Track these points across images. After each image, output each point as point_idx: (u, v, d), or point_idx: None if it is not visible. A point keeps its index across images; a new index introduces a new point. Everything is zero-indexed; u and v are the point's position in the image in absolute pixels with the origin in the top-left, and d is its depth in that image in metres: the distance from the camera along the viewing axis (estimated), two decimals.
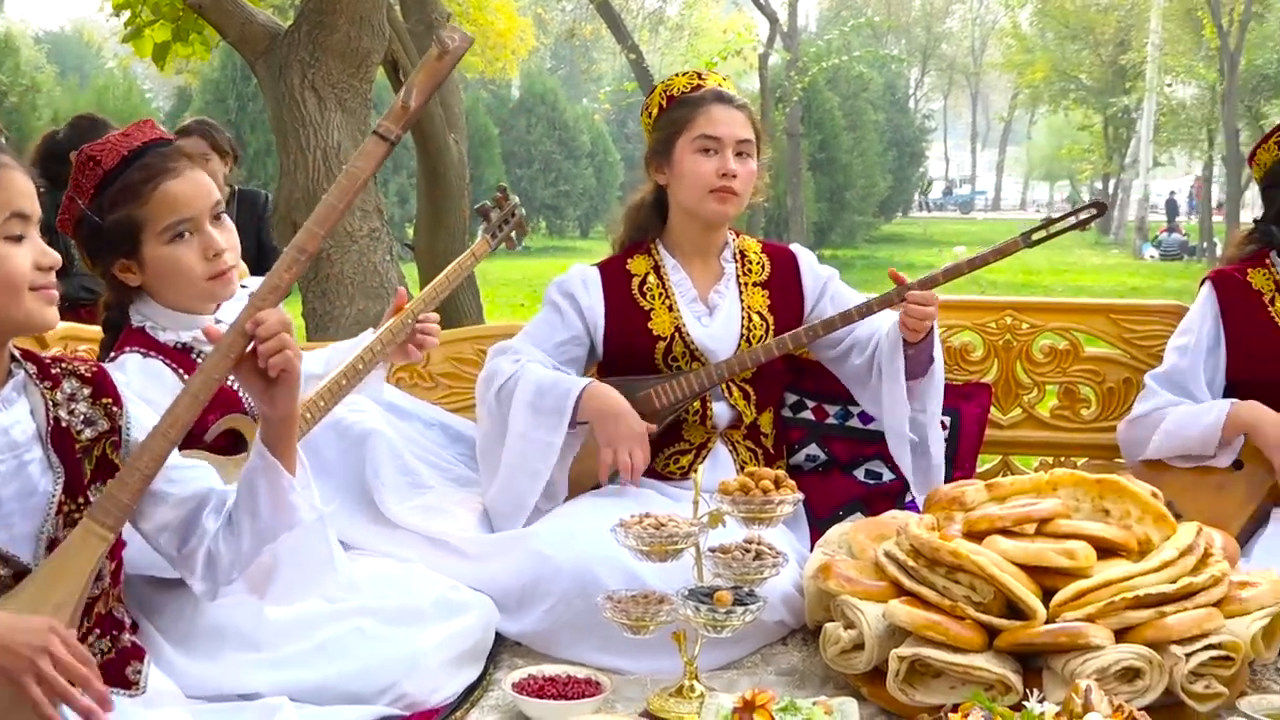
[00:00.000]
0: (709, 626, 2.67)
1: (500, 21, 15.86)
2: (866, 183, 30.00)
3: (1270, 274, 3.63)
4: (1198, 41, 32.13)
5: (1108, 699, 2.32)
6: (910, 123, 41.02)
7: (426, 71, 2.33)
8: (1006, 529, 2.83)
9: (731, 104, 3.46)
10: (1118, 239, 36.02)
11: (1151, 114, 31.90)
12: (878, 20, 35.54)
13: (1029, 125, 57.00)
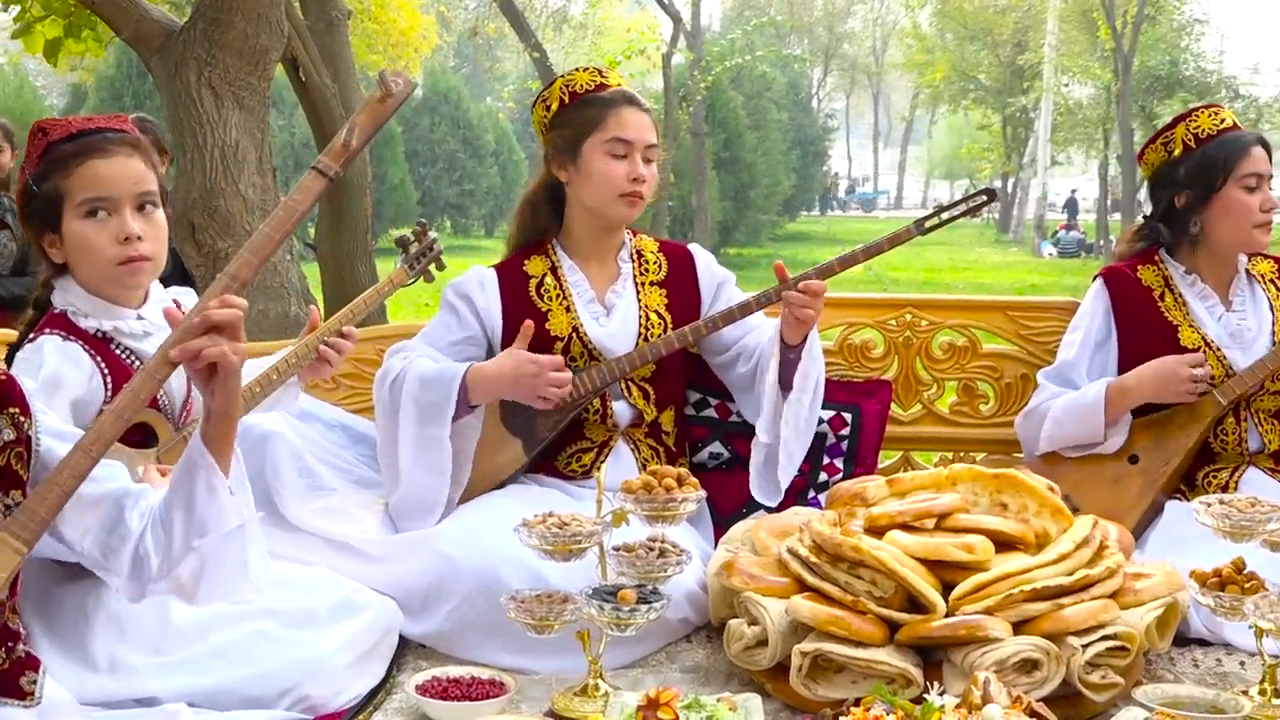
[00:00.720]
0: (613, 625, 2.67)
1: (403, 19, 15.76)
2: (770, 182, 30.13)
3: (1160, 270, 3.71)
4: (1093, 43, 32.73)
5: (1006, 690, 2.35)
6: (813, 122, 41.29)
7: (369, 113, 2.35)
8: (907, 524, 2.87)
9: (640, 107, 3.46)
10: (1017, 237, 36.54)
11: (1049, 114, 32.44)
12: (780, 20, 35.71)
13: (930, 125, 57.66)
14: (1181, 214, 3.66)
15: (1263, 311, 3.66)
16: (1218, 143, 3.61)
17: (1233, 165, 3.57)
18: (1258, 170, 3.58)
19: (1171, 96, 31.42)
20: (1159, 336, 3.62)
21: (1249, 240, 3.61)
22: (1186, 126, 3.66)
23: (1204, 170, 3.59)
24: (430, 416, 3.27)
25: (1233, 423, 3.58)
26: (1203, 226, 3.63)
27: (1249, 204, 3.56)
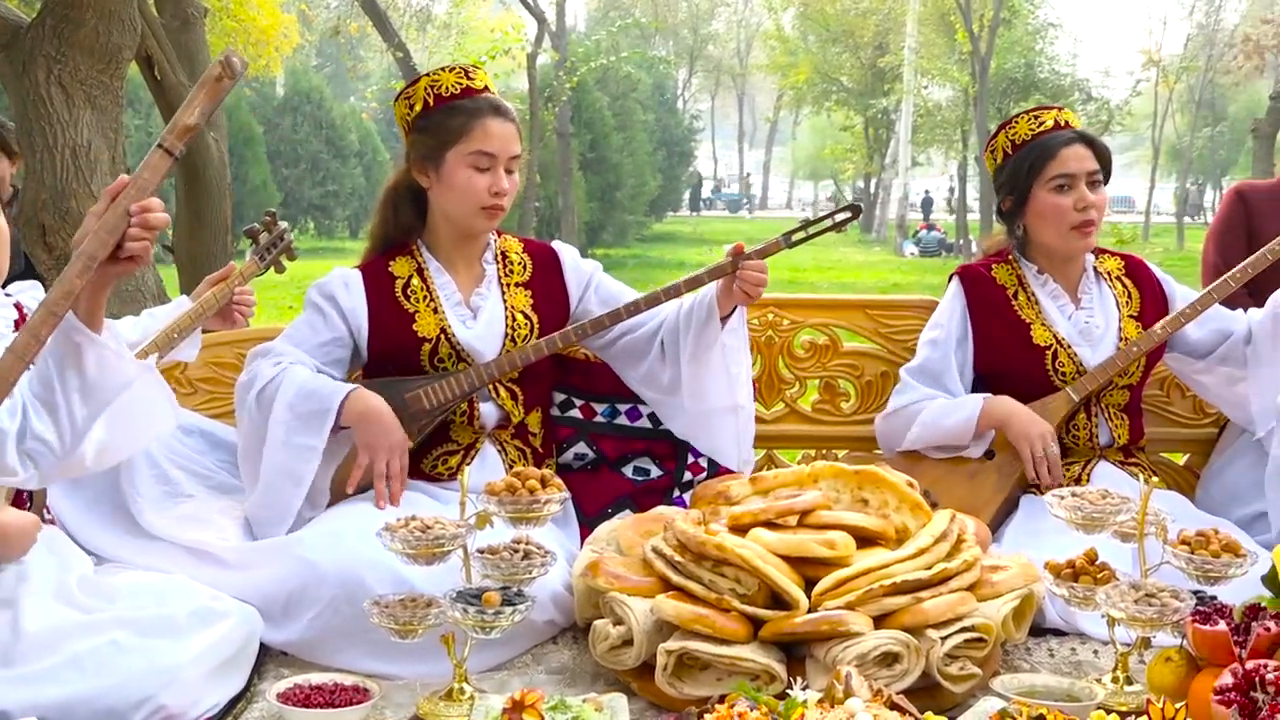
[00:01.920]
0: (478, 628, 2.65)
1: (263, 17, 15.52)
2: (637, 182, 30.24)
3: (1013, 269, 3.79)
4: (951, 46, 33.37)
5: (867, 684, 2.38)
6: (679, 123, 41.51)
7: (208, 91, 2.35)
8: (770, 522, 2.89)
9: (506, 117, 3.43)
10: (880, 237, 37.10)
11: (909, 115, 32.98)
12: (645, 22, 35.84)
13: (794, 126, 58.30)
14: (1008, 218, 3.77)
15: (1110, 309, 3.75)
16: (1028, 148, 3.69)
17: (1039, 169, 3.65)
18: (1067, 171, 3.64)
19: (1027, 99, 32.13)
20: (1013, 334, 3.70)
21: (1066, 243, 3.69)
22: (1006, 133, 3.76)
23: (1015, 175, 3.70)
24: (306, 426, 3.23)
25: (1084, 418, 3.67)
26: (1025, 229, 3.73)
27: (1059, 205, 3.64)
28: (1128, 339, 3.67)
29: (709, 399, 3.50)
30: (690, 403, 3.51)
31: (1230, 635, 2.45)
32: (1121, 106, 35.61)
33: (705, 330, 3.44)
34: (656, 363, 3.55)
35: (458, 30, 28.09)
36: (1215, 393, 3.85)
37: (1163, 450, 4.10)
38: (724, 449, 3.57)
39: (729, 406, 3.51)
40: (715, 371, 3.47)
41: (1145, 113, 41.36)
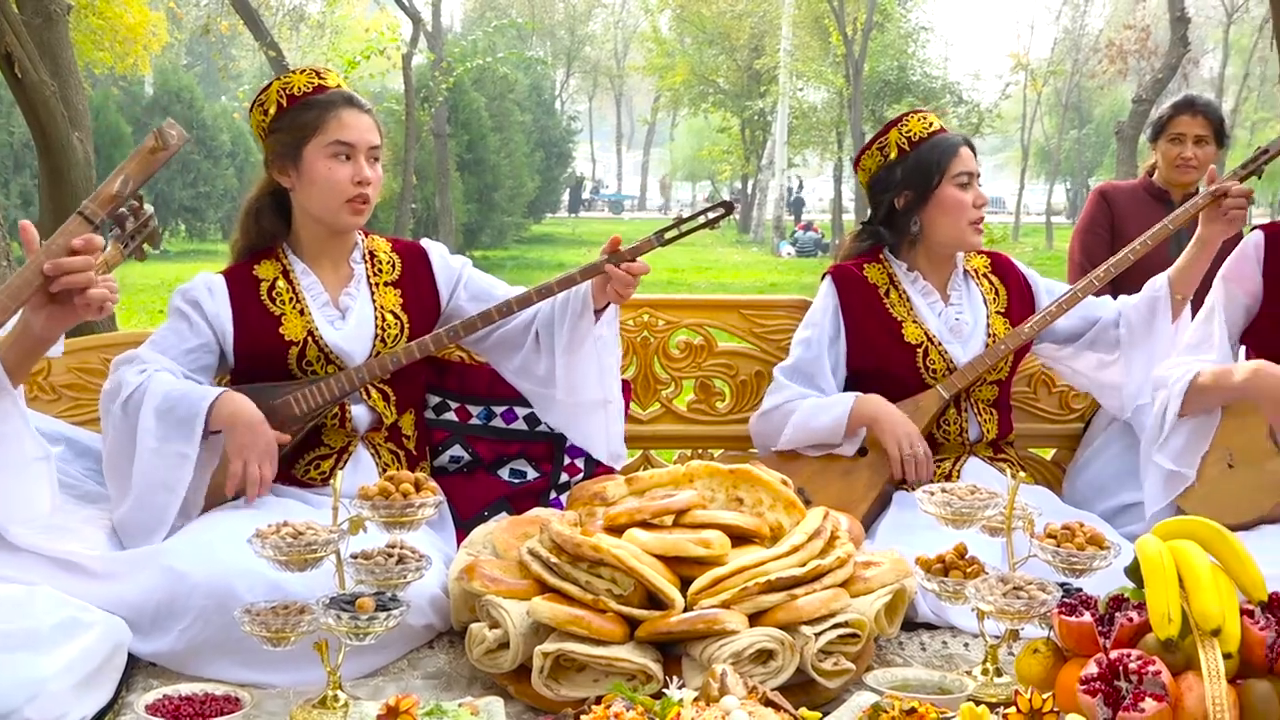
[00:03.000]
0: (351, 634, 2.62)
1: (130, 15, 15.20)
2: (515, 183, 30.15)
3: (884, 268, 3.85)
4: (825, 48, 33.74)
5: (743, 681, 2.39)
6: (557, 124, 41.47)
7: (140, 162, 2.31)
8: (646, 522, 2.89)
9: (361, 108, 3.40)
10: (757, 237, 37.40)
11: (785, 117, 33.30)
12: (521, 22, 35.71)
13: (671, 127, 58.52)
14: (903, 214, 3.80)
15: (978, 306, 3.83)
16: (929, 144, 3.76)
17: (945, 164, 3.72)
18: (968, 169, 3.75)
19: (900, 101, 32.62)
20: (884, 332, 3.75)
21: (964, 238, 3.77)
22: (899, 131, 3.80)
23: (919, 170, 3.74)
24: (175, 432, 3.16)
25: (954, 414, 3.74)
26: (923, 225, 3.78)
27: (963, 200, 3.72)
28: (995, 335, 3.75)
29: (581, 392, 3.50)
30: (563, 395, 3.51)
31: (1095, 626, 2.50)
32: (991, 109, 36.26)
33: (579, 324, 3.44)
34: (531, 354, 3.54)
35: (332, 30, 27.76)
36: (1085, 377, 3.95)
37: (1030, 446, 4.19)
38: (594, 442, 3.58)
39: (599, 400, 3.52)
40: (588, 365, 3.48)
41: (1014, 115, 42.20)
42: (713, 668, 2.43)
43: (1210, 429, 3.50)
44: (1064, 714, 2.27)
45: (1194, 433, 3.52)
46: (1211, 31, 39.33)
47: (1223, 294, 3.60)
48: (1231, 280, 3.60)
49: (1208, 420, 3.51)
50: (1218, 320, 3.59)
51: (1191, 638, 2.37)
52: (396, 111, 21.39)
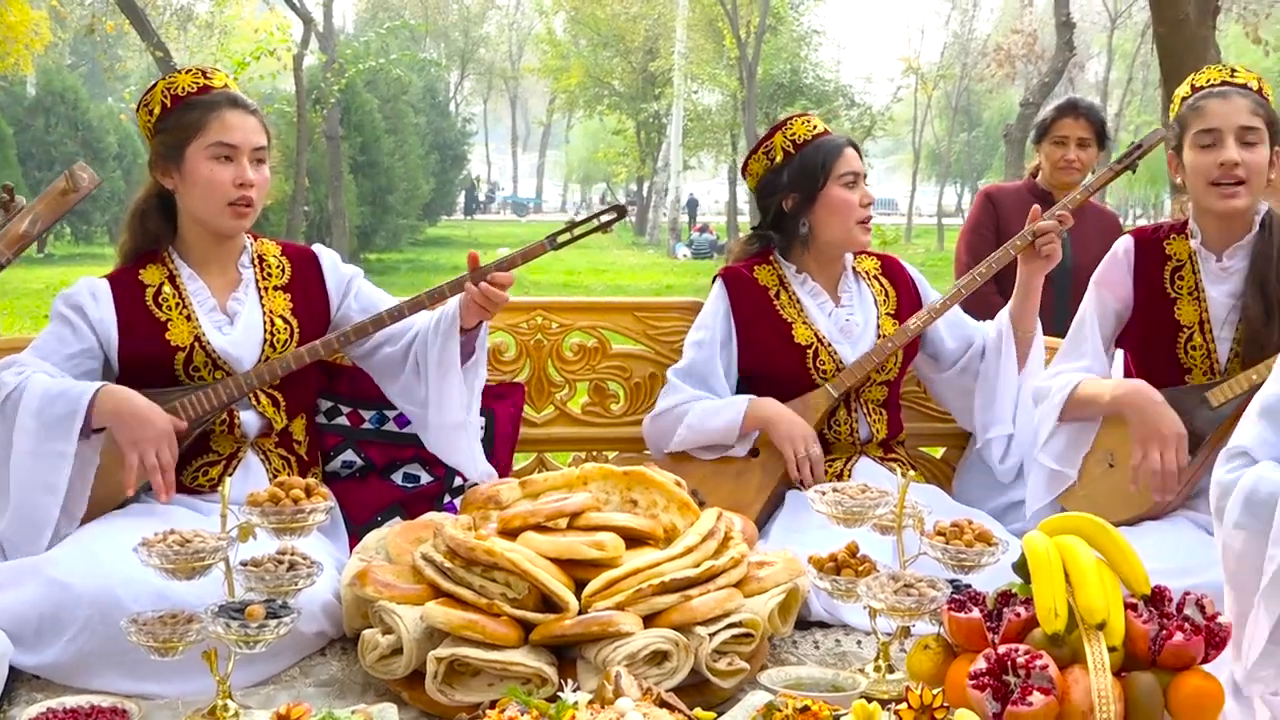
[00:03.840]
0: (241, 643, 2.58)
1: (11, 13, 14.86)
2: (409, 185, 29.96)
3: (775, 270, 3.88)
4: (719, 51, 33.97)
5: (637, 683, 2.39)
6: (451, 126, 41.30)
7: (50, 203, 2.25)
8: (540, 525, 2.89)
9: (246, 109, 3.35)
10: (653, 239, 37.50)
11: (680, 119, 33.41)
12: (415, 23, 35.47)
13: (567, 129, 58.52)
14: (791, 216, 3.83)
15: (868, 307, 3.87)
16: (814, 146, 3.80)
17: (831, 164, 3.76)
18: (853, 169, 3.79)
19: (793, 103, 32.93)
20: (775, 333, 3.78)
21: (853, 237, 3.81)
22: (784, 134, 3.83)
23: (805, 172, 3.78)
24: (54, 431, 3.09)
25: (844, 414, 3.77)
26: (811, 226, 3.81)
27: (850, 200, 3.76)
28: (885, 336, 3.79)
29: (447, 413, 3.48)
30: (434, 416, 3.49)
31: (984, 622, 2.54)
32: (883, 112, 36.79)
33: (448, 343, 3.42)
34: (412, 377, 3.52)
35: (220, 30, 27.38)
36: (949, 401, 4.04)
37: (920, 445, 4.23)
38: (465, 464, 3.56)
39: (460, 422, 3.49)
40: (455, 387, 3.45)
41: (906, 118, 42.81)
42: (607, 670, 2.43)
43: (1091, 432, 3.58)
44: (954, 709, 2.30)
45: (1075, 435, 3.59)
46: (1096, 36, 40.13)
47: (1095, 300, 3.68)
48: (1103, 286, 3.67)
49: (1089, 424, 3.59)
50: (1090, 326, 3.67)
51: (1077, 632, 2.41)
52: (288, 113, 21.14)
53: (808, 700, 2.32)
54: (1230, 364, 3.47)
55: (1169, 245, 3.59)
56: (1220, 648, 2.46)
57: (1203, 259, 3.53)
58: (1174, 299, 3.54)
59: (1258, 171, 3.40)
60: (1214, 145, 3.41)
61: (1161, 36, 7.09)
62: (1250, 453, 2.67)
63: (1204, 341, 3.50)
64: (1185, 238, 3.57)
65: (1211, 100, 3.44)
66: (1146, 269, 3.61)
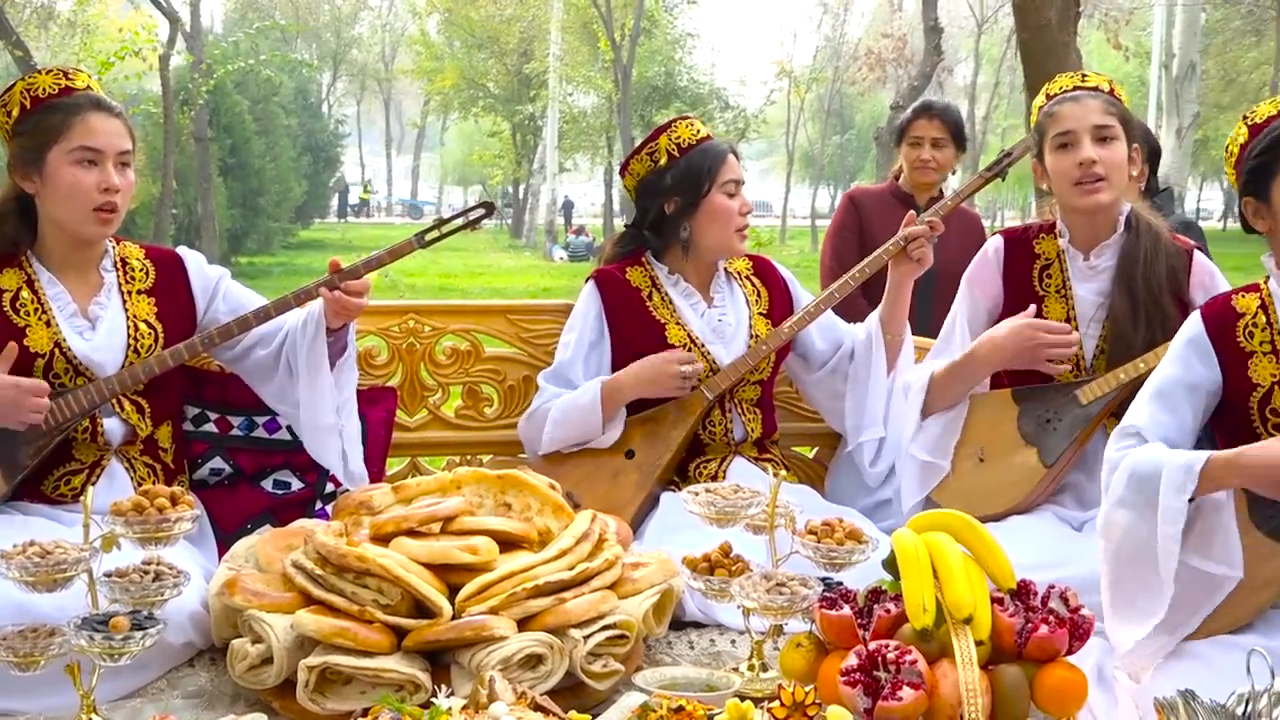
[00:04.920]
0: (105, 655, 2.53)
1: None
2: (281, 188, 29.54)
3: (647, 271, 3.89)
4: (594, 54, 33.98)
5: (511, 687, 2.39)
6: (324, 128, 40.82)
7: None
8: (413, 530, 2.87)
9: (110, 112, 3.27)
10: (529, 242, 37.40)
11: (555, 122, 33.36)
12: (285, 24, 34.94)
13: (442, 131, 58.15)
14: (672, 220, 3.84)
15: (741, 308, 3.90)
16: (699, 151, 3.81)
17: (715, 171, 3.78)
18: (735, 177, 3.82)
19: (668, 106, 33.06)
20: (648, 335, 3.79)
21: (731, 244, 3.84)
22: (669, 137, 3.84)
23: (690, 177, 3.79)
24: None
25: (719, 415, 3.79)
26: (691, 231, 3.82)
27: (731, 208, 3.79)
28: (758, 336, 3.82)
29: (319, 415, 3.44)
30: (305, 416, 3.46)
31: (854, 619, 2.57)
32: (757, 115, 37.08)
33: (314, 345, 3.39)
34: (285, 378, 3.47)
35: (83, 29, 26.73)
36: (819, 402, 4.09)
37: (794, 444, 4.27)
38: (335, 465, 3.52)
39: (330, 425, 3.46)
40: (325, 388, 3.42)
41: (779, 121, 43.17)
42: (481, 674, 2.43)
43: (959, 422, 3.64)
44: (826, 705, 2.32)
45: (945, 426, 3.65)
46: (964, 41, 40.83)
47: (966, 299, 3.74)
48: (974, 285, 3.74)
49: (956, 413, 3.65)
50: (959, 324, 3.73)
51: (946, 626, 2.45)
52: (154, 114, 20.69)
53: (682, 700, 2.33)
54: (1096, 361, 3.54)
55: (1038, 244, 3.66)
56: (1084, 639, 2.52)
57: (1070, 258, 3.60)
58: (1042, 297, 3.61)
59: (1116, 167, 3.49)
60: (1071, 146, 3.49)
61: (1025, 42, 7.22)
62: (1142, 432, 2.83)
63: None
64: (1054, 237, 3.64)
65: (1065, 105, 3.53)
66: (1015, 268, 3.67)
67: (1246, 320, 2.91)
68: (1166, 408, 2.87)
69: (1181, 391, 2.89)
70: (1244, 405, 2.87)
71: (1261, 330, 2.88)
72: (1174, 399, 2.88)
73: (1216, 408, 2.92)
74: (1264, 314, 2.90)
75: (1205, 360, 2.90)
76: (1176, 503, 2.64)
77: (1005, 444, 3.54)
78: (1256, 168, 2.87)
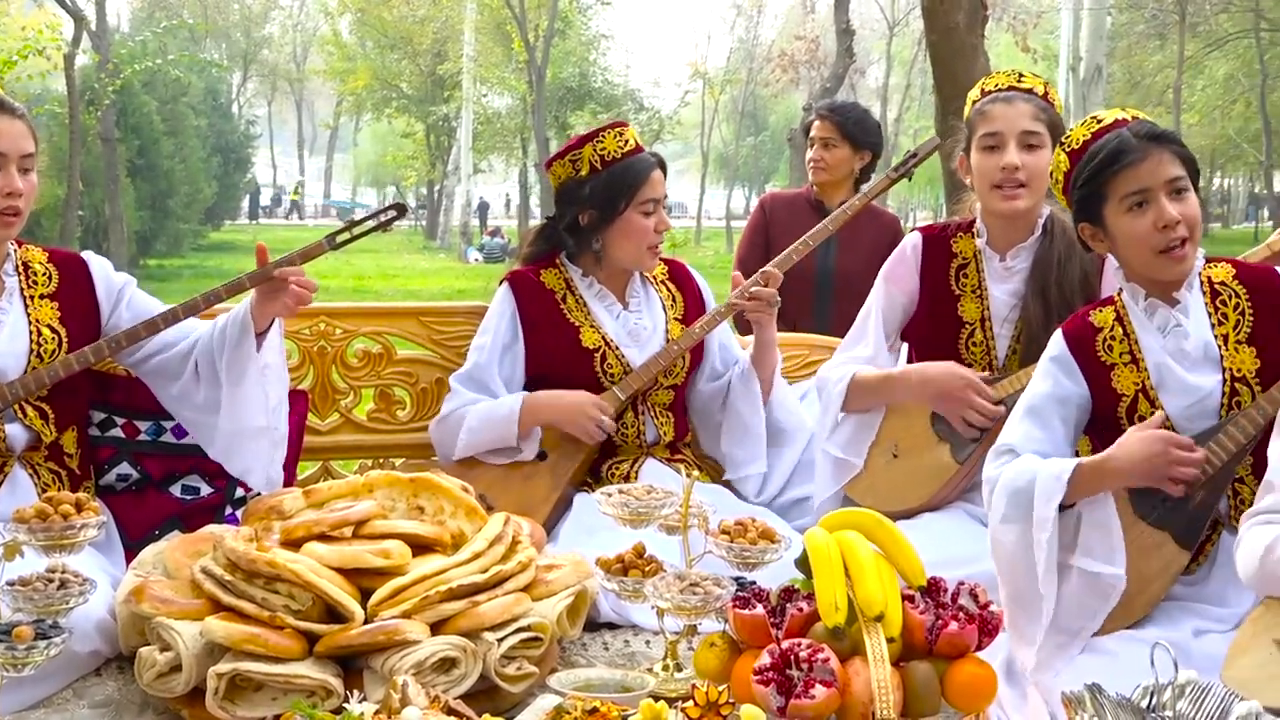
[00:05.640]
0: (7, 666, 2.47)
1: None
2: (190, 189, 29.20)
3: (562, 274, 3.88)
4: (508, 55, 33.90)
5: (424, 691, 2.37)
6: (234, 129, 40.35)
7: None
8: (325, 534, 2.84)
9: (12, 114, 3.20)
10: (444, 244, 37.22)
11: (469, 123, 33.26)
12: (193, 23, 34.53)
13: (355, 132, 57.68)
14: (585, 231, 3.82)
15: (656, 312, 3.91)
16: (622, 166, 3.76)
17: (635, 190, 3.75)
18: (655, 196, 3.78)
19: (583, 107, 33.08)
20: (563, 337, 3.79)
21: (641, 261, 3.83)
22: (594, 147, 3.78)
23: (608, 192, 3.75)
24: None
25: (632, 416, 3.80)
26: (604, 245, 3.81)
27: (645, 227, 3.77)
28: (672, 339, 3.83)
29: (245, 420, 3.41)
30: (226, 423, 3.41)
31: (767, 618, 2.57)
32: (672, 116, 37.18)
33: (240, 350, 3.36)
34: (190, 383, 3.43)
35: None
36: (696, 410, 4.05)
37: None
38: (254, 471, 3.49)
39: (262, 427, 3.43)
40: (252, 390, 3.39)
41: (694, 122, 43.33)
42: (394, 679, 2.41)
43: (876, 420, 3.67)
44: (739, 705, 2.33)
45: (860, 424, 3.68)
46: (876, 43, 41.23)
47: (882, 294, 3.77)
48: (890, 281, 3.77)
49: (874, 413, 3.68)
50: (874, 320, 3.76)
51: (858, 624, 2.47)
52: (59, 115, 20.34)
53: (596, 702, 2.32)
54: (1008, 360, 3.59)
55: (955, 243, 3.70)
56: (993, 635, 2.55)
57: (987, 258, 3.64)
58: (958, 295, 3.65)
59: (1039, 175, 3.52)
60: (997, 149, 3.52)
61: (934, 44, 7.30)
62: (1016, 449, 2.93)
63: (984, 338, 3.62)
64: (971, 236, 3.68)
65: (996, 105, 3.55)
66: (932, 265, 3.71)
67: (1104, 334, 3.00)
68: (1039, 424, 2.96)
69: (1052, 406, 2.98)
70: (1113, 416, 2.96)
71: (1119, 342, 2.98)
72: (1046, 414, 2.97)
73: (1089, 421, 3.00)
74: (1120, 326, 3.00)
75: (1071, 376, 3.00)
76: (1047, 511, 2.76)
77: (919, 441, 3.57)
78: (1087, 196, 2.97)
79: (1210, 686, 2.10)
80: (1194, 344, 2.94)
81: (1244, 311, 2.96)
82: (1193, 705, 2.10)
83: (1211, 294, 2.99)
